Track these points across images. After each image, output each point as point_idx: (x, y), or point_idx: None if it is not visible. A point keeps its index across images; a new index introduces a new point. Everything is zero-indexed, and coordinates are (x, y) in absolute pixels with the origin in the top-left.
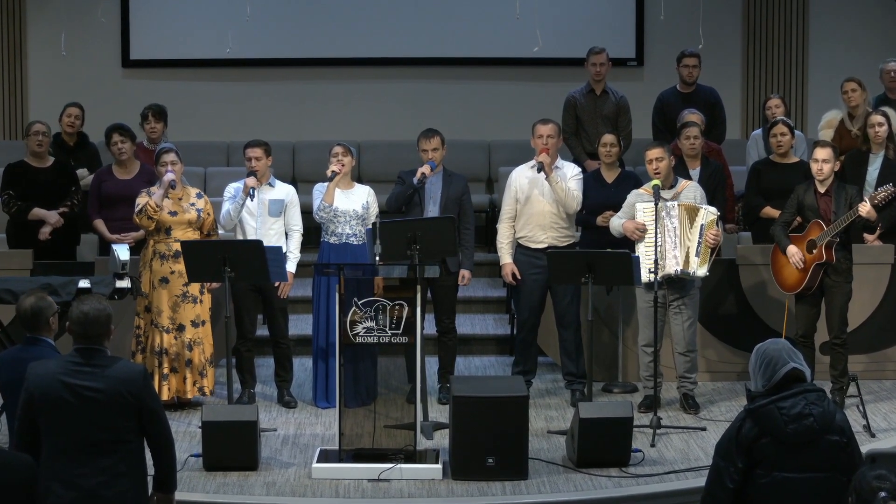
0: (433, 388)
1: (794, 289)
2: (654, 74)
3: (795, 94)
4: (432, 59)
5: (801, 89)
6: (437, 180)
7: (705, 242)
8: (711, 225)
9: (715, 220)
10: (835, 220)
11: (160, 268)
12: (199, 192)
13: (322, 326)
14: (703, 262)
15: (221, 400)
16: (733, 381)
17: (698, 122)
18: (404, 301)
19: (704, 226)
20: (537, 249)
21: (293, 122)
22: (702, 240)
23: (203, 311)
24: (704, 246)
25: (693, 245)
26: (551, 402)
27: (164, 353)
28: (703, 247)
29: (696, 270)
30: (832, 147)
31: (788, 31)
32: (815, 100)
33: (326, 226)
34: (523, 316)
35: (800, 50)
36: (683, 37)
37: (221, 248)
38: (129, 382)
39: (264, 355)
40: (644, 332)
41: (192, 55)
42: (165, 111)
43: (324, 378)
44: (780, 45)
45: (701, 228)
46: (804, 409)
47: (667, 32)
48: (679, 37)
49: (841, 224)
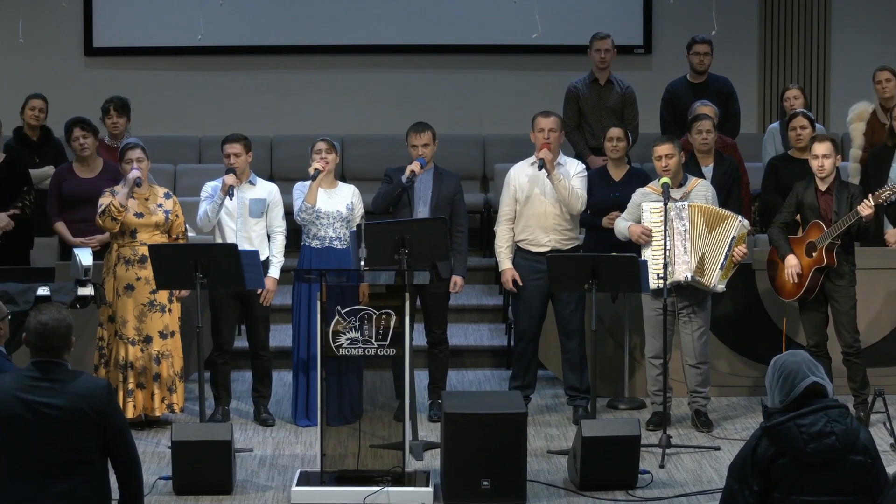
0: (423, 404)
1: (793, 295)
2: (662, 63)
3: (816, 84)
4: (422, 47)
5: (822, 79)
6: (428, 178)
7: (732, 257)
8: (742, 239)
9: (745, 235)
10: (835, 221)
11: (125, 274)
12: (168, 191)
13: (302, 338)
14: (725, 276)
15: (193, 417)
16: (749, 397)
17: (711, 114)
18: (392, 310)
19: (736, 238)
20: (539, 253)
21: (271, 115)
22: (730, 253)
23: (172, 320)
24: (730, 260)
25: (717, 255)
26: (552, 420)
27: (129, 366)
28: (728, 261)
29: (716, 284)
30: (832, 141)
31: (809, 15)
32: (837, 90)
33: (308, 228)
34: (523, 325)
35: (821, 36)
36: (695, 22)
37: (192, 252)
38: (91, 398)
39: (239, 369)
40: (652, 342)
41: (160, 42)
42: (128, 104)
43: (304, 394)
44: (799, 31)
45: (731, 241)
46: (825, 427)
47: (677, 17)
48: (690, 22)
49: (842, 226)
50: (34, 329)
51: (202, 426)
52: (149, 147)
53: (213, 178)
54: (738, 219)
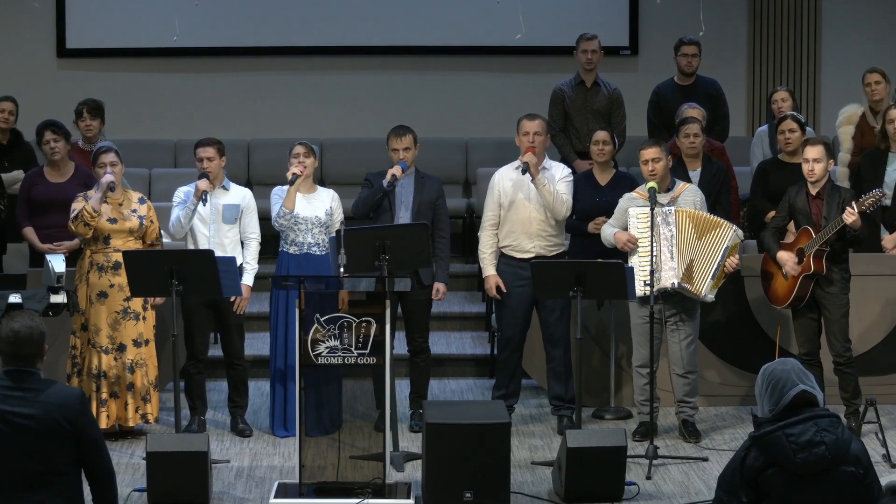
0: (404, 414)
1: (783, 301)
2: (649, 64)
3: (806, 86)
4: (403, 48)
5: (812, 81)
6: (409, 183)
7: (724, 267)
8: (735, 249)
9: (738, 245)
10: (825, 227)
11: (98, 281)
12: (142, 196)
13: (280, 346)
14: (715, 286)
15: (168, 428)
16: (738, 407)
17: (699, 117)
18: (372, 317)
19: (729, 248)
20: (523, 259)
21: (248, 118)
22: (722, 262)
23: (146, 328)
24: (722, 270)
25: (709, 263)
26: (536, 430)
27: (102, 375)
28: (720, 271)
29: (706, 294)
30: (824, 144)
31: (798, 16)
32: (827, 93)
33: (286, 234)
34: (507, 333)
35: (811, 37)
36: (682, 23)
37: (167, 258)
38: (64, 408)
39: (216, 378)
40: (639, 351)
41: (135, 43)
42: (102, 107)
43: (282, 403)
44: (789, 32)
45: (725, 250)
46: (815, 437)
47: (664, 18)
48: (677, 23)
49: (828, 232)
50: (6, 337)
51: (177, 437)
52: (123, 151)
53: (189, 182)
54: (733, 228)
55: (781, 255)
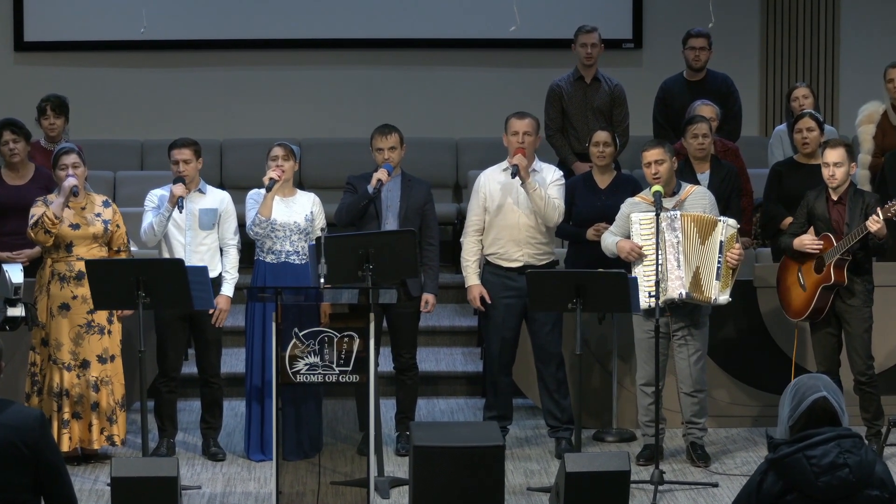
0: (390, 436)
1: (801, 314)
2: (654, 58)
3: (824, 82)
4: (388, 41)
5: (830, 76)
6: (395, 187)
7: (726, 262)
8: (732, 241)
9: (735, 235)
10: (847, 234)
11: (60, 292)
12: (107, 199)
13: (256, 363)
14: (725, 285)
15: (135, 451)
16: (750, 428)
17: (711, 115)
18: (355, 332)
19: (724, 242)
20: (511, 269)
21: (220, 117)
22: (722, 259)
23: (112, 344)
24: (725, 266)
25: (711, 266)
26: (532, 453)
27: (64, 394)
28: (723, 267)
29: (717, 297)
30: (846, 146)
31: (816, 6)
32: (847, 89)
33: (262, 242)
34: (493, 349)
35: (829, 30)
36: (690, 13)
37: (134, 268)
38: (22, 431)
39: (186, 397)
40: (643, 368)
41: (98, 36)
42: (67, 104)
43: (258, 425)
44: (805, 24)
45: (720, 246)
46: (838, 458)
47: (670, 8)
48: (684, 13)
49: (851, 240)
50: None
51: (145, 461)
52: (86, 152)
53: (156, 185)
54: (723, 220)
55: (800, 238)
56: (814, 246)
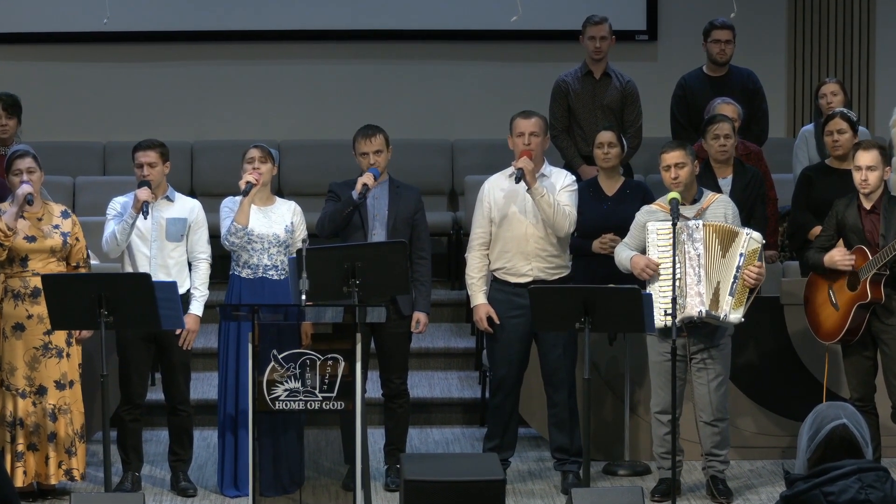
0: (378, 470)
1: (834, 336)
2: (671, 52)
3: (858, 78)
4: (375, 33)
5: (865, 73)
6: (382, 194)
7: (743, 279)
8: (753, 256)
9: (759, 251)
10: (883, 247)
11: (14, 311)
12: (66, 209)
13: (230, 389)
14: (739, 303)
15: (96, 486)
16: (776, 461)
17: (733, 115)
18: (340, 354)
19: (744, 256)
20: (519, 285)
21: (191, 117)
22: (739, 274)
23: (71, 368)
24: (741, 283)
25: (727, 280)
26: (536, 489)
27: (19, 424)
28: (739, 283)
29: (727, 314)
30: (879, 149)
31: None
32: (882, 87)
33: (237, 254)
34: (500, 373)
35: (863, 23)
36: (710, 2)
37: (95, 283)
38: None
39: (154, 427)
40: (658, 394)
41: (55, 27)
42: (20, 103)
43: (232, 457)
44: (837, 16)
45: (739, 259)
46: (858, 494)
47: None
48: (704, 2)
49: (888, 253)
50: None
51: (108, 497)
52: (42, 155)
53: (120, 192)
54: (747, 232)
55: (829, 254)
56: (846, 262)
